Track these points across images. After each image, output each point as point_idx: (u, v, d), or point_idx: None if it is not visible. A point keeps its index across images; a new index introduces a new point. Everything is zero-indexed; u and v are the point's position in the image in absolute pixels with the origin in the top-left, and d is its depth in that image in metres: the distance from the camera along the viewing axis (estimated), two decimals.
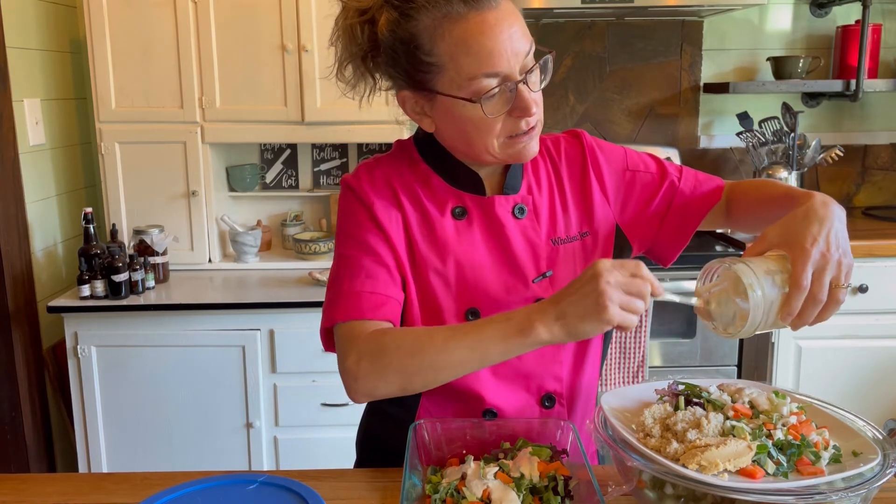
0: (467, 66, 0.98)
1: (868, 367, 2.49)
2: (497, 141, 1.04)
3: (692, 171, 1.22)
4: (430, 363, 0.97)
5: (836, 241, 0.93)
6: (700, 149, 2.96)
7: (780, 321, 0.93)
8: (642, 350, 2.24)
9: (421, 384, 1.00)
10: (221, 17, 2.43)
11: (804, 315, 0.92)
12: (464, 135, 1.05)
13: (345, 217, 1.12)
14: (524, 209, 1.12)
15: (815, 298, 0.91)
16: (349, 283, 1.07)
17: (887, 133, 2.97)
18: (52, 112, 2.59)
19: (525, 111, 1.01)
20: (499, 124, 1.02)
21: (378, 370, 0.99)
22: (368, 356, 1.00)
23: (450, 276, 1.09)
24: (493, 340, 0.95)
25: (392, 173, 1.13)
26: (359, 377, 1.00)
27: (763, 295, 0.92)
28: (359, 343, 1.02)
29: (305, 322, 2.28)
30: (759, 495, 0.82)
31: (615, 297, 0.89)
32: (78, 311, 2.26)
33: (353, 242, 1.10)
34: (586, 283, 0.91)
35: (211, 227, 2.59)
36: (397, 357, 0.98)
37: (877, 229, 2.61)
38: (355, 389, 1.02)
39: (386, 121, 2.46)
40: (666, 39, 2.88)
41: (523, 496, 0.92)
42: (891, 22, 2.84)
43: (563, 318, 0.92)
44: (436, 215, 1.11)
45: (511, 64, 0.98)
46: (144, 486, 1.06)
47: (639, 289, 0.91)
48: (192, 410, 2.33)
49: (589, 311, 0.90)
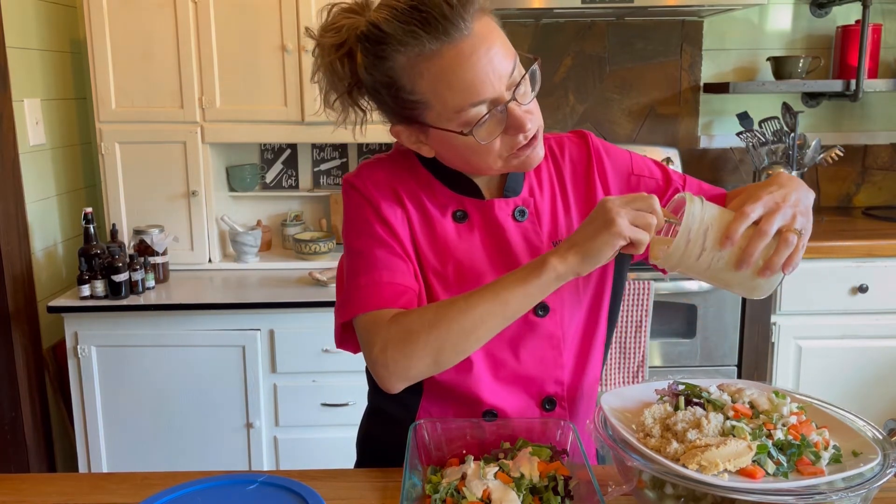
0: (452, 101, 0.97)
1: (868, 367, 2.49)
2: (499, 159, 1.03)
3: (696, 181, 1.22)
4: (455, 329, 0.96)
5: (795, 200, 0.95)
6: (700, 149, 2.96)
7: (717, 246, 0.93)
8: (642, 350, 2.24)
9: (452, 354, 0.98)
10: (221, 17, 2.43)
11: (750, 248, 0.92)
12: (464, 159, 1.05)
13: (351, 214, 1.11)
14: (525, 212, 1.12)
15: (762, 231, 0.92)
16: (366, 276, 1.05)
17: (887, 133, 2.97)
18: (52, 112, 2.59)
19: (520, 128, 1.00)
20: (496, 145, 1.01)
21: (406, 353, 0.97)
22: (393, 341, 0.98)
23: (449, 277, 1.09)
24: (512, 287, 0.96)
25: (393, 174, 1.12)
26: (388, 364, 0.98)
27: (701, 209, 0.93)
28: (381, 330, 1.00)
29: (305, 322, 2.28)
30: (759, 495, 0.82)
31: (624, 213, 0.92)
32: (78, 311, 2.26)
33: (364, 236, 1.09)
34: (595, 213, 0.94)
35: (211, 227, 2.59)
36: (422, 334, 0.97)
37: (877, 229, 2.61)
38: (387, 377, 0.99)
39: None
40: (666, 39, 2.88)
41: (523, 496, 0.92)
42: (891, 22, 2.84)
43: (575, 246, 0.94)
44: (437, 217, 1.10)
45: (496, 87, 0.97)
46: (144, 486, 1.06)
47: (647, 203, 0.93)
48: (192, 410, 2.33)
49: (599, 228, 0.92)
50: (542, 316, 1.11)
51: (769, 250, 0.93)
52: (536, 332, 1.11)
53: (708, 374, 2.47)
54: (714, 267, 0.95)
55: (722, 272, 0.95)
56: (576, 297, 1.13)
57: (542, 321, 1.11)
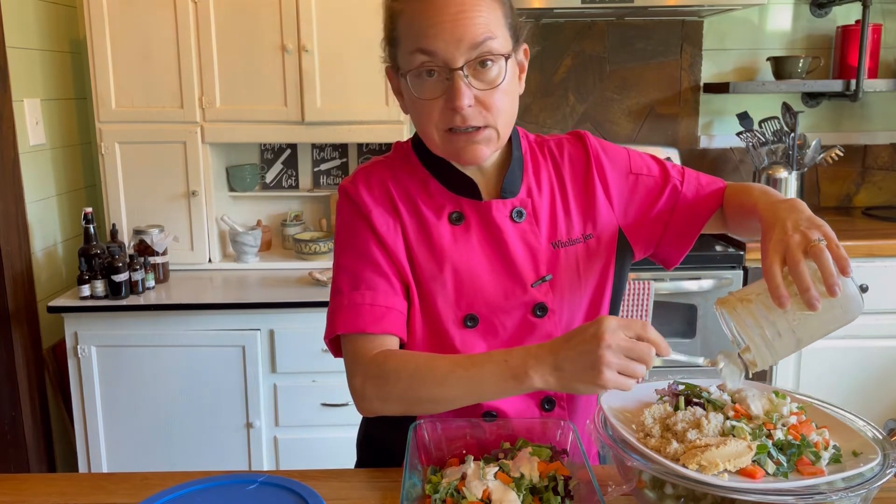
0: (407, 41, 1.01)
1: (868, 367, 2.49)
2: (437, 132, 1.04)
3: (694, 174, 1.21)
4: (428, 396, 1.00)
5: (794, 223, 0.93)
6: (700, 149, 2.96)
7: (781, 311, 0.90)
8: None
9: (421, 412, 1.04)
10: (221, 17, 2.43)
11: (801, 284, 0.88)
12: (415, 118, 1.07)
13: (343, 226, 1.13)
14: (522, 213, 1.11)
15: (794, 263, 0.88)
16: (349, 296, 1.08)
17: (887, 133, 2.97)
18: (52, 112, 2.59)
19: (451, 101, 0.99)
20: (435, 112, 1.02)
21: (381, 395, 1.03)
22: (373, 380, 1.03)
23: (447, 282, 1.09)
24: (489, 382, 0.96)
25: (389, 178, 1.12)
26: (364, 398, 1.04)
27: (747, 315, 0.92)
28: (363, 365, 1.05)
29: (305, 322, 2.28)
30: (759, 495, 0.82)
31: (613, 362, 0.88)
32: (78, 311, 2.26)
33: (353, 252, 1.10)
34: (587, 342, 0.90)
35: (211, 227, 2.59)
36: (398, 387, 1.01)
37: (877, 229, 2.61)
38: (362, 407, 1.06)
39: (386, 121, 2.46)
40: (666, 39, 2.88)
41: (523, 496, 0.92)
42: (891, 22, 2.84)
43: (559, 372, 0.92)
44: (433, 221, 1.10)
45: (448, 48, 0.98)
46: (144, 486, 1.06)
47: (641, 353, 0.89)
48: (192, 410, 2.32)
49: (585, 373, 0.90)
50: (541, 316, 1.10)
51: (816, 274, 0.89)
52: (535, 332, 1.11)
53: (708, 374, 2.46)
54: (801, 328, 0.92)
55: (809, 324, 0.92)
56: (575, 297, 1.13)
57: (541, 321, 1.11)
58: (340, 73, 2.45)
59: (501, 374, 0.96)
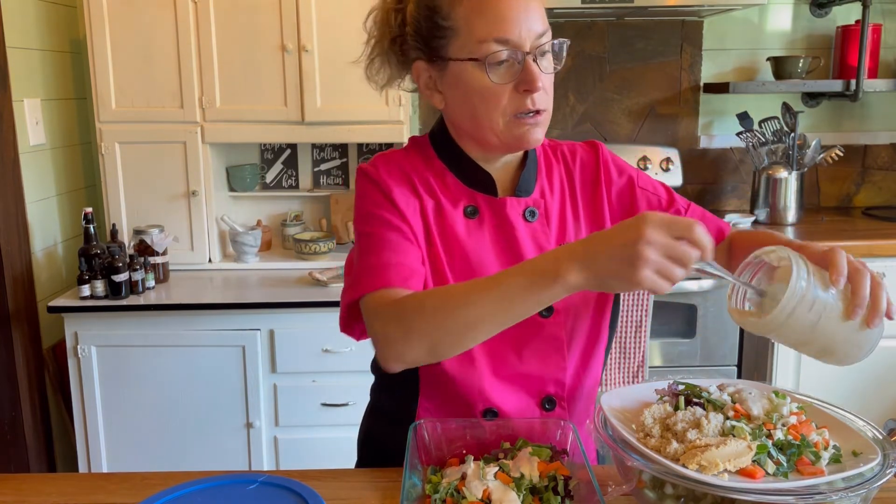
0: (479, 29, 1.01)
1: (868, 368, 2.48)
2: (502, 119, 1.04)
3: (700, 208, 1.23)
4: (455, 322, 0.92)
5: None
6: (700, 149, 2.96)
7: (823, 295, 0.87)
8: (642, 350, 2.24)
9: (448, 347, 0.95)
10: (221, 17, 2.43)
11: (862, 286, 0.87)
12: (470, 108, 1.06)
13: (363, 200, 1.11)
14: (535, 212, 1.12)
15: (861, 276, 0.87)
16: (376, 257, 1.05)
17: (887, 133, 2.97)
18: (52, 112, 2.59)
19: (531, 84, 1.02)
20: (504, 98, 1.03)
21: (405, 334, 0.95)
22: (394, 321, 0.97)
23: (456, 270, 1.09)
24: (519, 290, 0.89)
25: (408, 165, 1.13)
26: (388, 341, 0.97)
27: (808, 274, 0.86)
28: (383, 310, 0.99)
29: (305, 322, 2.28)
30: (759, 495, 0.82)
31: (652, 260, 0.82)
32: (78, 311, 2.26)
33: (375, 220, 1.09)
34: (626, 236, 0.83)
35: (211, 227, 2.59)
36: (421, 319, 0.94)
37: (877, 229, 2.61)
38: (387, 355, 0.98)
39: (386, 121, 2.46)
40: (666, 39, 2.88)
41: (523, 496, 0.92)
42: (891, 22, 2.84)
43: (594, 266, 0.85)
44: (449, 209, 1.11)
45: (523, 35, 1.01)
46: (144, 486, 1.06)
47: (682, 255, 0.82)
48: (192, 410, 2.32)
49: (621, 269, 0.83)
50: (547, 317, 1.11)
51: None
52: (541, 332, 1.11)
53: (708, 374, 2.47)
54: (823, 323, 0.87)
55: (830, 327, 0.88)
56: (581, 299, 1.14)
57: (546, 322, 1.11)
58: (340, 73, 2.45)
59: (532, 277, 0.88)
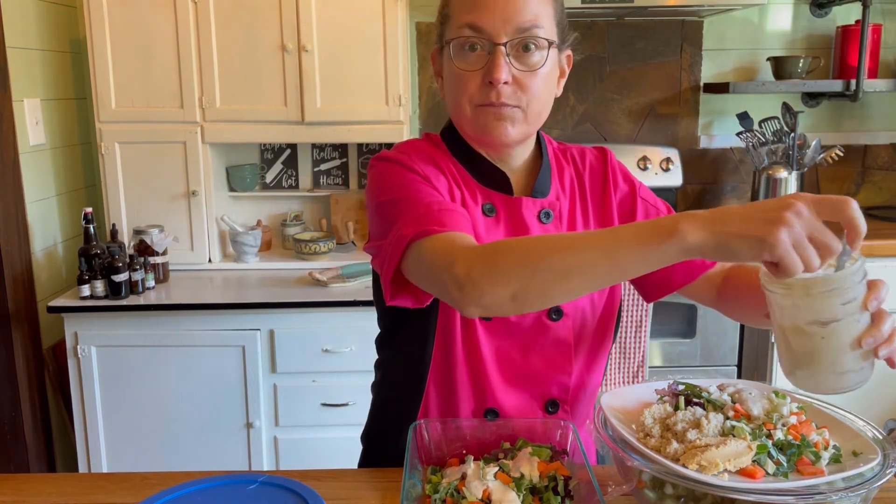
0: (460, 14, 1.03)
1: None
2: (469, 106, 1.05)
3: None
4: (549, 266, 0.82)
5: None
6: (700, 149, 2.96)
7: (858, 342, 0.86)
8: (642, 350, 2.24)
9: (538, 294, 0.84)
10: (221, 17, 2.43)
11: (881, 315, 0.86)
12: (450, 94, 1.08)
13: (383, 179, 1.05)
14: (550, 214, 1.12)
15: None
16: (423, 206, 0.97)
17: (887, 133, 2.97)
18: (52, 112, 2.59)
19: (491, 75, 1.01)
20: (471, 85, 1.04)
21: (492, 273, 0.85)
22: (480, 261, 0.86)
23: None
24: (628, 244, 0.80)
25: (431, 151, 1.12)
26: (471, 281, 0.85)
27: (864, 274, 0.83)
28: (463, 250, 0.89)
29: (305, 322, 2.28)
30: (759, 495, 0.82)
31: (796, 230, 0.73)
32: (78, 311, 2.26)
33: (405, 183, 1.02)
34: (770, 202, 0.75)
35: (211, 227, 2.59)
36: (513, 260, 0.84)
37: (877, 229, 2.61)
38: (467, 297, 0.86)
39: (386, 121, 2.46)
40: (666, 39, 2.88)
41: (523, 496, 0.92)
42: (891, 22, 2.84)
43: (720, 228, 0.75)
44: (471, 204, 1.10)
45: (495, 24, 1.01)
46: (144, 486, 1.06)
47: (827, 242, 0.74)
48: (192, 410, 2.33)
49: (757, 227, 0.73)
50: (556, 320, 1.11)
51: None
52: (548, 335, 1.11)
53: (708, 374, 2.47)
54: (840, 325, 0.84)
55: (844, 333, 0.84)
56: (590, 303, 1.14)
57: (554, 325, 1.11)
58: (340, 73, 2.45)
59: (646, 230, 0.79)
